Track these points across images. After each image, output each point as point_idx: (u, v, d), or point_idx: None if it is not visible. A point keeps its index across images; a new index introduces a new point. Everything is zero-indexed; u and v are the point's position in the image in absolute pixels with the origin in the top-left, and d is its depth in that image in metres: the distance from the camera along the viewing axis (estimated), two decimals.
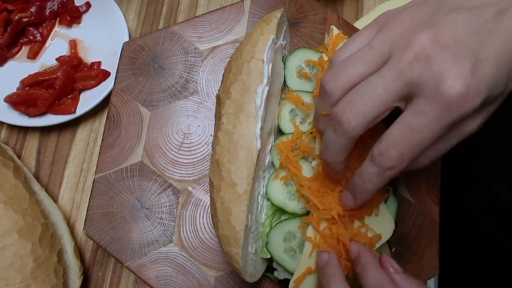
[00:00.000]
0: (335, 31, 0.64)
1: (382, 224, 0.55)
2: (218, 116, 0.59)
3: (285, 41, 0.68)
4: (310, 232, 0.54)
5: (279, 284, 0.62)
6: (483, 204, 0.71)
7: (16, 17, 0.75)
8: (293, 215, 0.57)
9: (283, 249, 0.56)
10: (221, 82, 0.61)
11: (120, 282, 0.69)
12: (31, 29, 0.77)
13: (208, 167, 0.67)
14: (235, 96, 0.57)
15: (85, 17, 0.80)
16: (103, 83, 0.75)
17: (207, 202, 0.66)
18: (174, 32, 0.73)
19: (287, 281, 0.58)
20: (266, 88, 0.56)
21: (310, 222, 0.54)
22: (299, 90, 0.63)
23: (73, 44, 0.78)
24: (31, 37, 0.77)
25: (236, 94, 0.57)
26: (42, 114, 0.72)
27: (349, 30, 0.74)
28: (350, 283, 0.48)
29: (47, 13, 0.78)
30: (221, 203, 0.54)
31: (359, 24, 0.82)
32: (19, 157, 0.74)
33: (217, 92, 0.61)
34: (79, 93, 0.74)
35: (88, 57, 0.78)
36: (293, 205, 0.57)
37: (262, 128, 0.55)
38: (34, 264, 0.60)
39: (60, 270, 0.63)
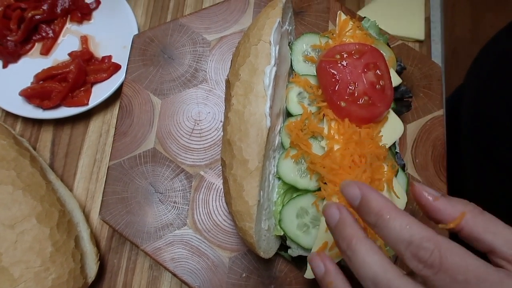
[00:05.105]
0: (342, 16, 0.66)
1: (394, 199, 0.56)
2: (228, 98, 0.60)
3: (290, 27, 0.69)
4: None
5: (292, 262, 0.63)
6: (491, 178, 0.72)
7: (29, 14, 0.78)
8: (305, 191, 0.58)
9: (296, 225, 0.57)
10: (230, 67, 0.63)
11: (136, 268, 0.70)
12: (44, 26, 0.80)
13: (219, 152, 0.69)
14: (244, 78, 0.58)
15: (95, 13, 0.83)
16: (114, 76, 0.77)
17: (219, 186, 0.67)
18: (182, 24, 0.75)
19: (299, 258, 0.59)
20: (274, 69, 0.58)
21: (324, 196, 0.55)
22: (306, 74, 0.65)
23: (84, 40, 0.80)
24: (43, 34, 0.80)
25: (245, 75, 0.58)
26: (56, 106, 0.75)
27: (352, 18, 0.75)
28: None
29: (58, 11, 0.80)
30: (233, 180, 0.55)
31: (361, 14, 0.84)
32: (34, 149, 0.76)
33: (226, 77, 0.63)
34: (91, 86, 0.76)
35: (99, 52, 0.80)
36: (305, 182, 0.58)
37: (271, 107, 0.57)
38: (53, 248, 0.61)
39: (78, 255, 0.64)
